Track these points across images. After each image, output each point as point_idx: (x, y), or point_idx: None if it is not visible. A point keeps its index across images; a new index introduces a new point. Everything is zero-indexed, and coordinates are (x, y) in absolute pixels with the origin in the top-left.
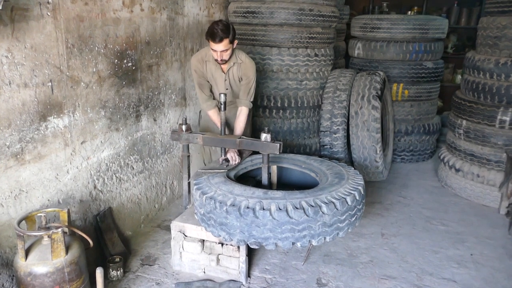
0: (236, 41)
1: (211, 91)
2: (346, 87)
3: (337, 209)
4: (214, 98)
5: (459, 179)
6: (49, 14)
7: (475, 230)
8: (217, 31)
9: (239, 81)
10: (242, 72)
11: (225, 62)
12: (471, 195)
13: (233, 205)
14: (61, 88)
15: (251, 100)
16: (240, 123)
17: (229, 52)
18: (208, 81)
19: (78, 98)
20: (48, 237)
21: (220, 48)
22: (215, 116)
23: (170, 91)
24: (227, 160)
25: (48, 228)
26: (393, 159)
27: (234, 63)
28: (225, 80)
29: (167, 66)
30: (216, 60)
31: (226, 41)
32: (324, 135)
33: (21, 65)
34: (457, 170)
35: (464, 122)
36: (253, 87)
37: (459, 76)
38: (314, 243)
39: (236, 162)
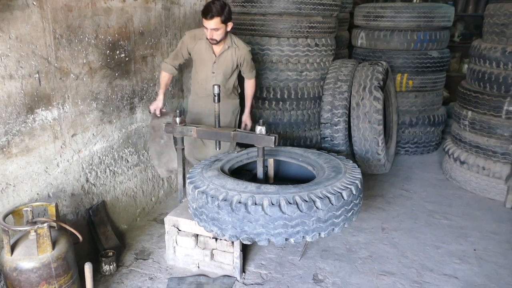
0: (230, 23)
1: (178, 67)
2: (348, 77)
3: (332, 204)
4: (176, 69)
5: (464, 171)
6: (34, 3)
7: (479, 225)
8: (211, 8)
9: (233, 66)
10: (238, 58)
11: (216, 42)
12: (476, 188)
13: (225, 200)
14: (49, 80)
15: (255, 74)
16: (250, 92)
17: (220, 32)
18: (187, 57)
19: (68, 90)
20: (34, 232)
21: (211, 25)
22: (164, 79)
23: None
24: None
25: (35, 223)
26: (396, 151)
27: (229, 47)
28: (214, 62)
29: (162, 57)
30: (207, 39)
31: (217, 20)
32: (325, 127)
33: (6, 56)
34: (462, 163)
35: (470, 113)
36: (251, 64)
37: (465, 66)
38: (308, 239)
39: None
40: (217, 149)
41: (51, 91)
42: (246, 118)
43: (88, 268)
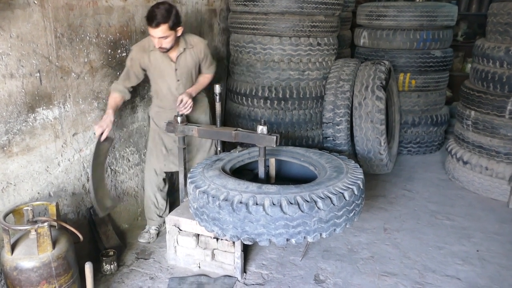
0: (180, 28)
1: (132, 90)
2: (350, 77)
3: (333, 204)
4: (130, 91)
5: (467, 172)
6: (35, 2)
7: (482, 225)
8: (155, 14)
9: (196, 67)
10: (198, 56)
11: (167, 50)
12: (479, 189)
13: (226, 200)
14: (50, 79)
15: (214, 70)
16: (202, 80)
17: (170, 40)
18: (141, 75)
19: (69, 89)
20: (34, 231)
21: (157, 33)
22: (114, 100)
23: None
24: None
25: (35, 222)
26: (399, 151)
27: (184, 49)
28: (176, 69)
29: None
30: (157, 48)
31: (164, 27)
32: (327, 127)
33: (7, 55)
34: (465, 163)
35: (473, 113)
36: (210, 59)
37: (469, 65)
38: (309, 239)
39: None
40: (218, 148)
41: (52, 90)
42: (183, 94)
43: (88, 267)
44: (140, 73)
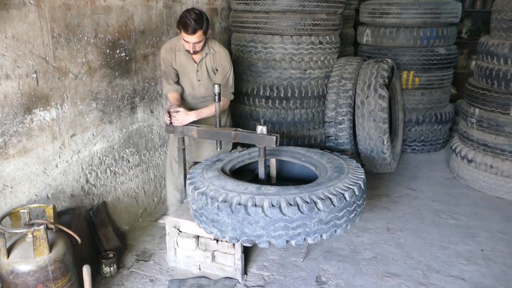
0: (209, 31)
1: (178, 82)
2: (352, 75)
3: (334, 205)
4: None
5: (471, 170)
6: (31, 2)
7: (487, 224)
8: (190, 21)
9: (214, 73)
10: (217, 62)
11: (197, 52)
12: (484, 187)
13: (225, 201)
14: (47, 80)
15: (232, 91)
16: (212, 107)
17: (202, 43)
18: (175, 70)
19: (67, 89)
20: (31, 234)
21: (193, 39)
22: (173, 97)
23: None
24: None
25: (32, 225)
26: (403, 149)
27: (206, 54)
28: (197, 71)
29: None
30: (188, 51)
31: (199, 33)
32: (329, 126)
33: (2, 55)
34: (470, 161)
35: (477, 110)
36: (231, 77)
37: (473, 62)
38: (309, 241)
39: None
40: (218, 149)
41: (49, 91)
42: (184, 111)
43: (86, 270)
44: (173, 72)
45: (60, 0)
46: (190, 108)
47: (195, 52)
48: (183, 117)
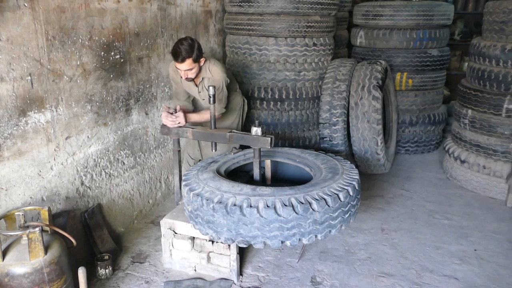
0: (203, 59)
1: (188, 99)
2: (346, 77)
3: (328, 205)
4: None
5: (464, 170)
6: (26, 5)
7: (480, 224)
8: (180, 50)
9: None
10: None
11: (192, 79)
12: (477, 187)
13: (220, 203)
14: (42, 82)
15: (223, 106)
16: (202, 113)
17: (194, 70)
18: (184, 91)
19: (61, 92)
20: (26, 236)
21: (183, 67)
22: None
23: (163, 83)
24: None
25: (27, 227)
26: (397, 150)
27: (203, 78)
28: (199, 92)
29: (159, 58)
30: (181, 77)
31: (189, 61)
32: (324, 127)
33: None
34: (463, 162)
35: (470, 111)
36: (224, 95)
37: (466, 64)
38: (304, 241)
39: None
40: (213, 150)
41: (44, 93)
42: (182, 115)
43: (81, 272)
44: (182, 89)
45: (55, 2)
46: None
47: (189, 79)
48: (178, 120)
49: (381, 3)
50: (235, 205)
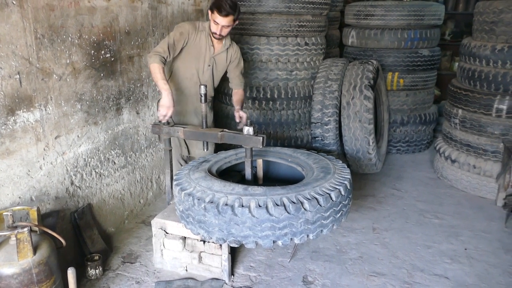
0: (237, 22)
1: (166, 60)
2: (338, 77)
3: (320, 205)
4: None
5: (455, 170)
6: (14, 2)
7: (470, 223)
8: (226, 5)
9: (223, 70)
10: (233, 56)
11: (222, 38)
12: (467, 187)
13: (211, 202)
14: (31, 81)
15: (243, 85)
16: (240, 97)
17: (229, 29)
18: (177, 53)
19: (50, 91)
20: (14, 236)
21: (224, 22)
22: (161, 71)
23: (154, 83)
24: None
25: (16, 227)
26: (388, 150)
27: (227, 48)
28: (211, 58)
29: None
30: (214, 33)
31: (231, 17)
32: (315, 127)
33: None
34: (453, 161)
35: (460, 111)
36: (242, 67)
37: (456, 64)
38: (296, 241)
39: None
40: (205, 149)
41: (32, 92)
42: (241, 112)
43: (71, 273)
44: (179, 48)
45: (44, 0)
46: (183, 105)
47: (221, 36)
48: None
49: (372, 3)
50: (226, 204)
